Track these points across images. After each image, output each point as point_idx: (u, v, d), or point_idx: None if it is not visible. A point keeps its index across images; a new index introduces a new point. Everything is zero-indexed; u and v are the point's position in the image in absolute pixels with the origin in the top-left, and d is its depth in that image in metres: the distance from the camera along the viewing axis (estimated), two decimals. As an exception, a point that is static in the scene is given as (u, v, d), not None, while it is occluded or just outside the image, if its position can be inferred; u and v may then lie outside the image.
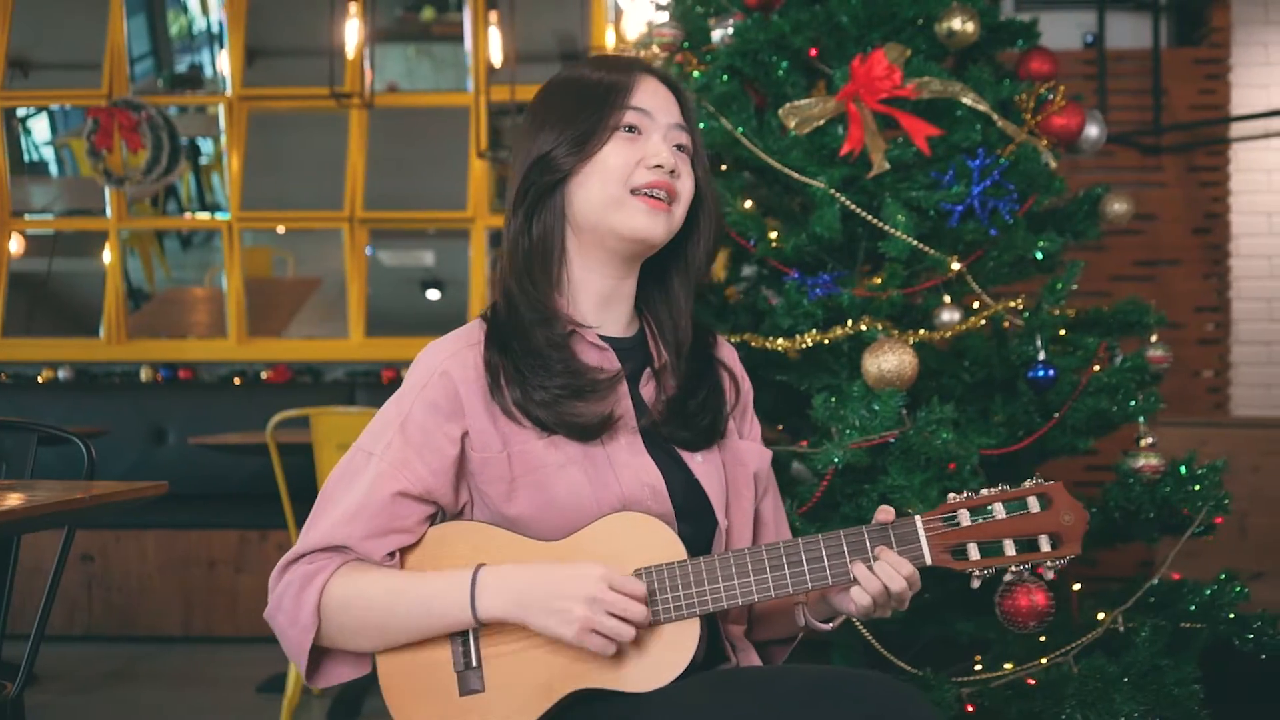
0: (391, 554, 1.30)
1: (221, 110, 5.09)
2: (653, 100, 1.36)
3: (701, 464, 1.38)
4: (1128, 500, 1.98)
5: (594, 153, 1.34)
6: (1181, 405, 4.34)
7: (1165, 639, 1.91)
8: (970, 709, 1.88)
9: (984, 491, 1.27)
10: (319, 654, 1.32)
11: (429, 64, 7.66)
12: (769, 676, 1.22)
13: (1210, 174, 4.42)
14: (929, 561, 1.25)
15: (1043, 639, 2.15)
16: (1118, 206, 2.18)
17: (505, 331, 1.34)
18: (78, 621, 4.29)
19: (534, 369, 1.31)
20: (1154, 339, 2.14)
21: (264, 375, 4.97)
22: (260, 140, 5.33)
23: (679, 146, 1.38)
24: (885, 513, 1.28)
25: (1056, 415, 1.94)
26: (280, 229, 6.07)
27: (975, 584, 1.26)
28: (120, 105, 4.85)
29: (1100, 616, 2.06)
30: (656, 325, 1.44)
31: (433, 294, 7.83)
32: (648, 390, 1.39)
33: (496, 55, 4.17)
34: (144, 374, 4.97)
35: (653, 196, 1.34)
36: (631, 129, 1.35)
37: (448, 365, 1.32)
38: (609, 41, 4.60)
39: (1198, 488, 1.97)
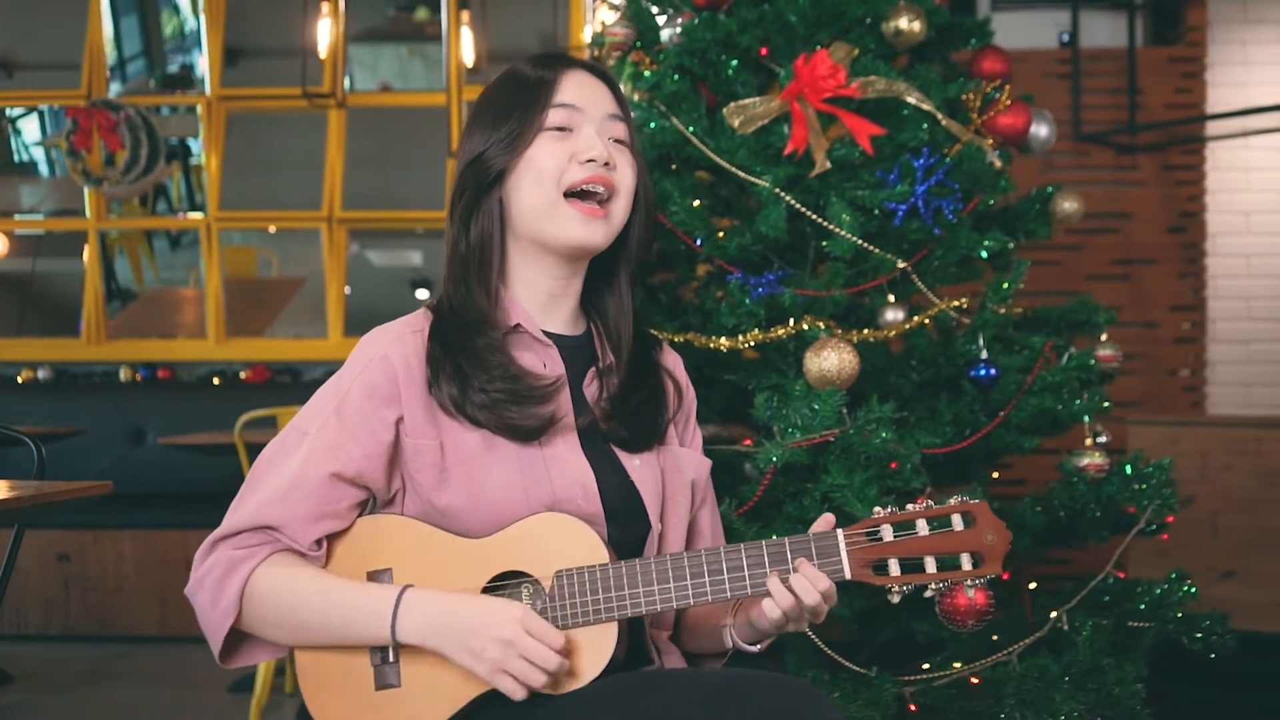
0: (320, 541, 1.30)
1: (200, 110, 5.10)
2: (581, 94, 1.35)
3: (639, 467, 1.37)
4: (1072, 499, 1.98)
5: (523, 152, 1.33)
6: (1158, 404, 4.34)
7: (1105, 638, 1.90)
8: (913, 708, 1.88)
9: (909, 507, 1.27)
10: (236, 635, 1.31)
11: (422, 64, 7.67)
12: (676, 679, 1.22)
13: (1186, 173, 4.42)
14: (848, 576, 1.25)
15: (995, 638, 2.15)
16: (1068, 205, 2.18)
17: (448, 328, 1.34)
18: (55, 621, 4.30)
19: (475, 370, 1.30)
20: (1104, 338, 2.13)
21: (243, 375, 4.97)
22: (243, 140, 5.34)
23: (616, 140, 1.37)
24: (826, 521, 1.28)
25: (1001, 414, 1.94)
26: (272, 229, 6.08)
27: (894, 599, 1.26)
28: (99, 105, 4.85)
29: (1054, 615, 2.06)
30: (603, 324, 1.44)
31: (422, 293, 7.84)
32: (591, 390, 1.39)
33: (469, 55, 4.17)
34: (123, 374, 4.97)
35: (588, 199, 1.33)
36: (561, 127, 1.34)
37: (389, 350, 1.32)
38: (587, 39, 4.60)
39: (1142, 486, 1.97)
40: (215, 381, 4.97)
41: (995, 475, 2.48)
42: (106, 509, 4.31)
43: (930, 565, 1.25)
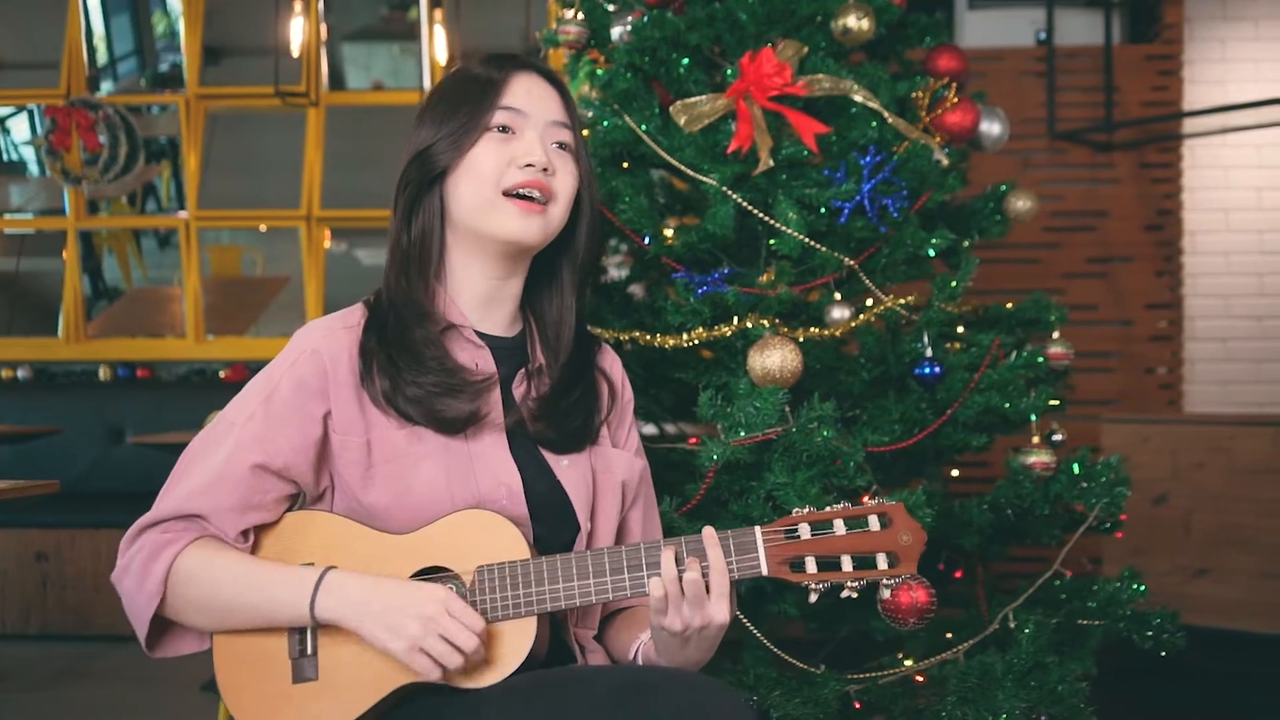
0: (246, 533, 1.31)
1: (180, 109, 5.10)
2: (528, 98, 1.37)
3: (567, 468, 1.38)
4: (1018, 498, 1.97)
5: (467, 151, 1.34)
6: (1135, 402, 4.34)
7: (1048, 635, 1.90)
8: (858, 706, 1.88)
9: (828, 508, 1.29)
10: (162, 624, 1.32)
11: (415, 63, 7.68)
12: (587, 675, 1.23)
13: (1162, 170, 4.41)
14: (765, 572, 1.25)
15: (949, 635, 2.15)
16: (1021, 204, 2.17)
17: (384, 322, 1.35)
18: (33, 620, 4.30)
19: (408, 363, 1.31)
20: (1056, 336, 2.13)
21: (222, 374, 4.97)
22: (227, 140, 5.33)
23: (560, 144, 1.38)
24: (708, 535, 1.27)
25: (948, 412, 1.94)
26: (263, 227, 6.09)
27: (812, 598, 1.26)
28: (78, 104, 4.86)
29: (1003, 614, 2.06)
30: (539, 326, 1.44)
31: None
32: (520, 391, 1.39)
33: (443, 53, 4.17)
34: (102, 373, 4.97)
35: (526, 198, 1.34)
36: (504, 129, 1.35)
37: (319, 344, 1.33)
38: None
39: (1089, 485, 1.96)
40: (195, 381, 4.97)
41: (955, 473, 2.48)
42: (85, 508, 4.31)
43: (847, 564, 1.26)
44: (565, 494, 1.36)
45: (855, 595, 1.27)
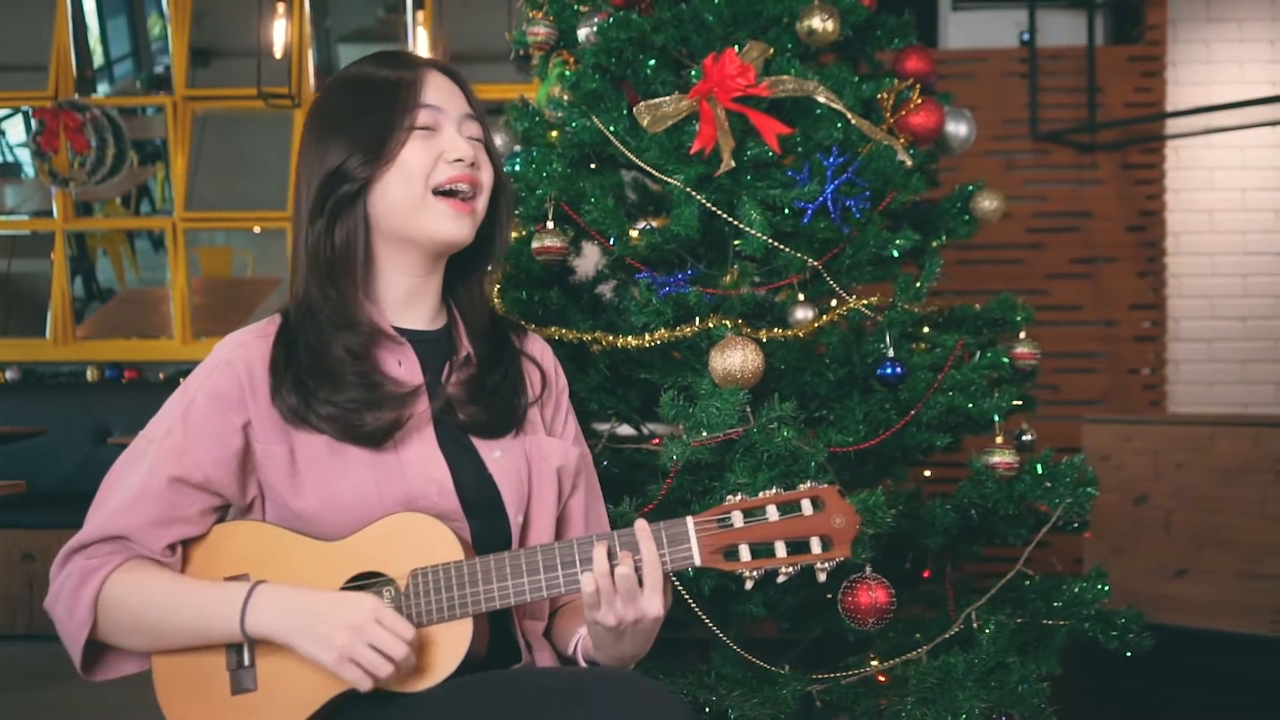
0: (173, 546, 1.31)
1: (167, 111, 5.12)
2: (441, 95, 1.37)
3: (499, 459, 1.37)
4: (981, 498, 1.97)
5: (393, 156, 1.33)
6: (1119, 402, 4.35)
7: (1009, 635, 1.90)
8: (819, 705, 1.89)
9: (761, 494, 1.28)
10: (99, 647, 1.33)
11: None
12: (522, 679, 1.23)
13: (1145, 171, 4.42)
14: (698, 562, 1.25)
15: (918, 636, 2.15)
16: (987, 204, 2.17)
17: (297, 334, 1.34)
18: (19, 621, 4.31)
19: (320, 382, 1.30)
20: (1023, 336, 2.13)
21: (209, 375, 4.98)
22: (217, 141, 5.35)
23: (473, 138, 1.39)
24: (640, 527, 1.27)
25: (911, 413, 1.94)
26: (257, 229, 6.10)
27: (748, 585, 1.26)
28: (65, 106, 4.87)
29: (967, 613, 2.06)
30: (462, 315, 1.45)
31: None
32: (448, 381, 1.39)
33: (424, 54, 4.18)
34: (90, 374, 4.98)
35: (455, 196, 1.35)
36: (426, 127, 1.36)
37: (233, 355, 1.33)
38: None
39: (1051, 485, 1.96)
40: (181, 382, 4.98)
41: (928, 474, 2.48)
42: (71, 509, 4.30)
43: (780, 550, 1.25)
44: (497, 486, 1.36)
45: (787, 580, 1.26)
